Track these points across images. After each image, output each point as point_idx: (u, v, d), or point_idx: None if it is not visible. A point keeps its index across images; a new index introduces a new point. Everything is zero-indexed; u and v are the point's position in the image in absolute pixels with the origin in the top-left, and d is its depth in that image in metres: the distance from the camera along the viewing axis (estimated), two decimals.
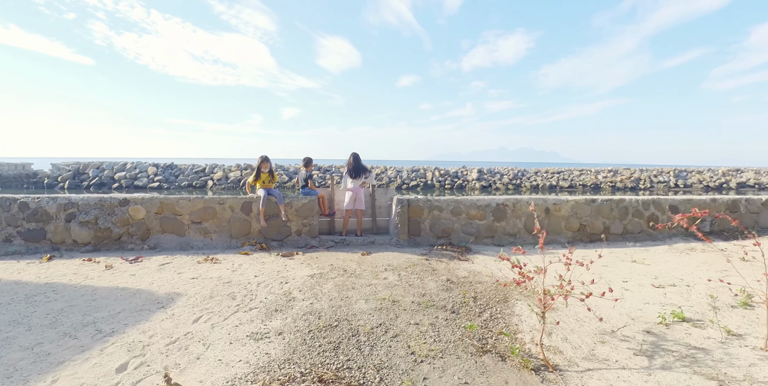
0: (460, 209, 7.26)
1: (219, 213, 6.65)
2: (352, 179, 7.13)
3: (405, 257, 6.14)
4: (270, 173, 6.95)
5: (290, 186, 32.10)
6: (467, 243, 7.22)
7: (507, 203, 7.45)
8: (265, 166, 6.87)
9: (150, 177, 31.48)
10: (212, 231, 6.65)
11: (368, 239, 6.99)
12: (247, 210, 6.69)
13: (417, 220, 7.14)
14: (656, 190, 34.30)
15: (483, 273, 5.53)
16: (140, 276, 5.20)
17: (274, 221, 6.74)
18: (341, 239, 6.91)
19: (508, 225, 7.46)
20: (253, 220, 6.71)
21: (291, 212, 6.78)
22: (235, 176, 31.40)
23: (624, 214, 7.96)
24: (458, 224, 7.28)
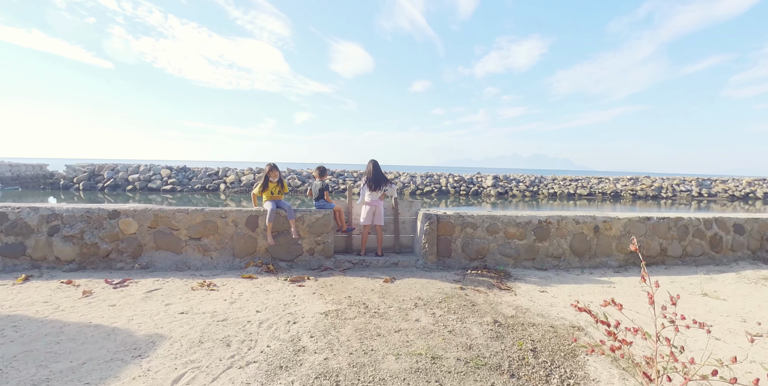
0: (497, 227, 6.21)
1: (221, 229, 5.70)
2: (370, 191, 6.14)
3: (436, 286, 5.10)
4: (279, 183, 5.98)
5: (303, 190, 31.27)
6: (505, 267, 6.16)
7: (551, 220, 6.37)
8: (273, 174, 5.91)
9: (164, 179, 30.91)
10: (212, 248, 5.69)
11: (390, 260, 5.97)
12: (252, 226, 5.72)
13: (447, 239, 6.10)
14: (679, 199, 32.75)
15: (532, 310, 4.48)
16: (121, 307, 4.24)
17: (284, 238, 5.76)
18: (359, 260, 5.91)
19: (552, 245, 6.39)
20: (259, 237, 5.74)
21: (303, 228, 5.80)
22: (248, 179, 30.66)
23: (683, 234, 6.82)
24: (494, 244, 6.23)
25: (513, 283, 5.51)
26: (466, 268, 6.03)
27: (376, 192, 6.11)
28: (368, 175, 6.17)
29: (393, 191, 6.23)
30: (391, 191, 6.21)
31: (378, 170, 6.16)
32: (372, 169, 6.17)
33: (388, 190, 6.19)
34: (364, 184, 6.15)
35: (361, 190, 6.17)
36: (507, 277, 5.73)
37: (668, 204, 31.29)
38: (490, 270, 5.90)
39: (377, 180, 6.10)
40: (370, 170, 6.19)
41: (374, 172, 6.13)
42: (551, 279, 5.83)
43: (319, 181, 6.25)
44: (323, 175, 6.29)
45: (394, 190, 6.24)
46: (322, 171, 6.33)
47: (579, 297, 5.07)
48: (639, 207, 29.66)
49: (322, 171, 6.34)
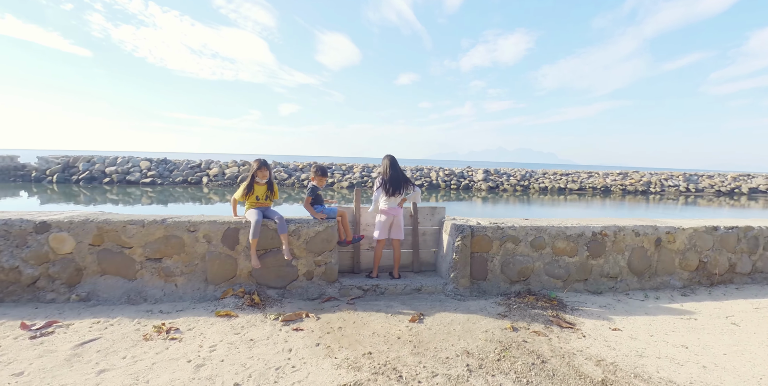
0: (543, 241, 4.83)
1: (188, 246, 4.18)
2: (387, 196, 4.68)
3: (480, 326, 3.71)
4: (269, 186, 4.46)
5: (290, 184, 29.55)
6: (554, 292, 4.81)
7: (606, 232, 5.02)
8: (262, 173, 4.38)
9: (143, 172, 28.85)
10: (177, 273, 4.18)
11: (411, 284, 4.54)
12: (231, 242, 4.22)
13: (483, 257, 4.70)
14: (667, 195, 32.12)
15: (621, 366, 3.14)
16: (27, 379, 2.73)
17: (273, 258, 4.27)
18: (372, 285, 4.46)
19: (607, 263, 5.05)
20: (240, 257, 4.24)
21: (298, 245, 4.32)
22: (232, 172, 28.81)
23: (753, 247, 5.57)
24: (540, 262, 4.85)
25: (573, 316, 4.15)
26: (507, 294, 4.66)
27: (394, 197, 4.65)
28: (384, 176, 4.69)
29: (416, 196, 4.79)
30: (413, 196, 4.76)
31: (397, 169, 4.69)
32: (389, 168, 4.69)
33: (411, 195, 4.74)
34: (379, 187, 4.68)
35: (375, 194, 4.70)
36: (562, 307, 4.37)
37: (657, 200, 30.59)
38: (538, 297, 4.53)
39: (396, 181, 4.63)
40: (386, 169, 4.70)
41: (392, 172, 4.66)
42: (614, 308, 4.50)
43: (313, 183, 4.65)
44: (322, 176, 4.68)
45: (417, 195, 4.79)
46: (321, 171, 4.70)
47: (662, 337, 3.76)
48: (629, 203, 28.86)
49: (320, 171, 4.69)
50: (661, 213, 23.36)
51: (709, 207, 26.98)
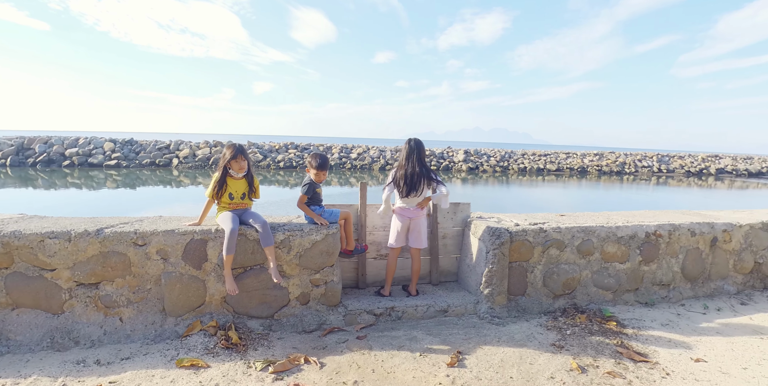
0: (591, 245, 3.85)
1: (136, 266, 2.97)
2: (405, 195, 3.52)
3: (542, 368, 2.72)
4: (248, 180, 3.23)
5: (265, 165, 27.88)
6: (603, 305, 3.88)
7: (660, 232, 4.09)
8: (238, 164, 3.11)
9: (106, 153, 26.58)
10: (122, 302, 2.98)
11: (434, 304, 3.49)
12: (196, 259, 3.03)
13: (522, 267, 3.69)
14: (640, 175, 32.24)
15: None
16: None
17: (255, 279, 3.12)
18: (386, 308, 3.37)
19: (660, 268, 4.14)
20: (209, 278, 3.06)
21: (289, 260, 3.17)
22: (204, 154, 26.89)
23: None
24: (588, 271, 3.89)
25: (640, 344, 3.22)
26: (551, 312, 3.69)
27: (413, 196, 3.53)
28: (402, 168, 3.53)
29: (442, 199, 3.55)
30: (438, 197, 3.58)
31: (417, 161, 3.53)
32: (406, 159, 3.51)
33: (436, 195, 3.60)
34: (392, 182, 3.54)
35: (386, 190, 3.56)
36: (622, 329, 3.44)
37: (630, 180, 30.67)
38: (589, 316, 3.59)
39: (413, 179, 3.49)
40: (402, 160, 3.53)
41: (409, 165, 3.49)
42: (679, 326, 3.61)
43: (310, 177, 3.37)
44: (321, 169, 3.32)
45: (444, 198, 3.54)
46: (321, 163, 3.31)
47: (759, 370, 2.90)
48: (603, 183, 28.77)
49: (320, 163, 3.31)
50: (636, 193, 23.20)
51: (679, 187, 27.15)
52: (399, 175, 3.48)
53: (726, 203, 18.99)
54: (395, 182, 3.49)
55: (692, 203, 18.21)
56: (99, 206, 13.84)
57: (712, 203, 18.55)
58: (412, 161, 3.47)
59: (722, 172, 32.88)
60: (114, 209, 13.11)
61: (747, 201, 20.77)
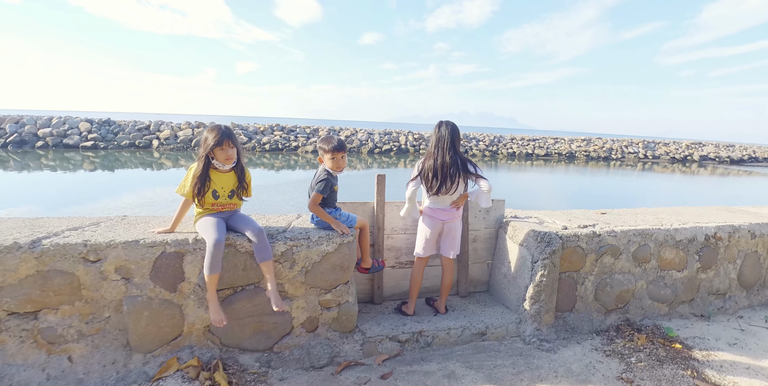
0: (648, 250, 3.20)
1: (88, 288, 2.19)
2: (435, 192, 2.75)
3: None
4: (238, 173, 2.43)
5: (250, 147, 26.65)
6: (658, 321, 3.27)
7: (720, 234, 3.48)
8: (224, 152, 2.28)
9: (82, 134, 25.00)
10: (71, 336, 2.21)
11: (470, 326, 2.81)
12: (170, 278, 2.26)
13: (571, 279, 3.03)
14: (627, 161, 32.11)
15: None
16: None
17: (248, 302, 2.37)
18: (413, 333, 2.68)
19: (717, 275, 3.55)
20: (188, 303, 2.31)
21: (292, 277, 2.43)
22: (185, 135, 25.54)
23: None
24: (643, 281, 3.26)
25: (714, 372, 2.63)
26: (603, 331, 3.07)
27: (446, 193, 2.79)
28: (431, 158, 2.75)
29: (482, 196, 2.82)
30: (478, 195, 2.84)
31: (456, 147, 2.77)
32: (436, 147, 2.74)
33: (474, 191, 2.86)
34: (419, 176, 2.78)
35: (411, 185, 2.79)
36: (689, 352, 2.85)
37: (617, 166, 30.53)
38: (650, 336, 2.98)
39: (450, 168, 2.73)
40: (432, 148, 2.76)
41: (443, 152, 2.72)
42: (747, 345, 3.04)
43: (326, 166, 2.54)
44: (338, 151, 2.50)
45: (484, 195, 2.80)
46: (337, 146, 2.50)
47: None
48: (591, 168, 28.56)
49: (336, 145, 2.49)
50: (621, 180, 22.98)
51: (664, 174, 27.10)
52: (427, 166, 2.73)
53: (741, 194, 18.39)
54: (422, 176, 2.74)
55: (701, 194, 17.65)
56: (68, 194, 12.71)
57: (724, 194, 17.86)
58: (443, 149, 2.71)
59: (705, 158, 32.99)
60: (86, 197, 12.03)
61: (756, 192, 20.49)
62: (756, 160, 35.09)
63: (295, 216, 2.95)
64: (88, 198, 11.58)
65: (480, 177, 2.74)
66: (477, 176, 2.74)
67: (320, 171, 2.52)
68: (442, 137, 2.74)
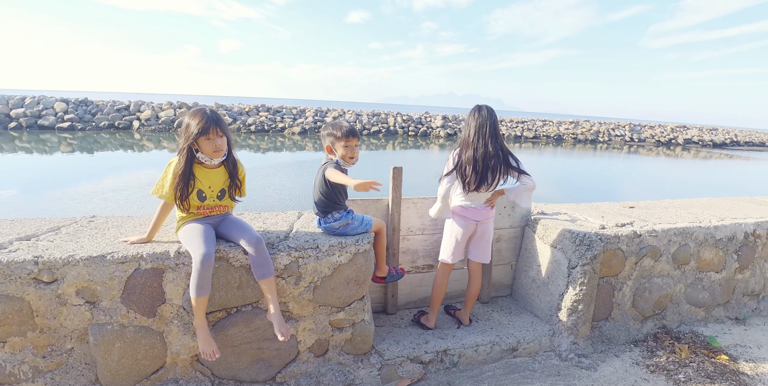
0: (688, 251, 2.86)
1: (43, 316, 1.74)
2: (471, 188, 2.30)
3: None
4: (229, 167, 1.95)
5: (235, 128, 25.68)
6: (693, 327, 2.97)
7: (759, 231, 3.16)
8: (212, 143, 1.80)
9: (58, 115, 23.70)
10: (24, 373, 1.77)
11: (498, 341, 2.44)
12: (147, 301, 1.82)
13: (609, 285, 2.68)
14: (613, 143, 32.13)
15: None
16: None
17: (245, 326, 1.95)
18: (436, 352, 2.30)
19: (753, 275, 3.25)
20: (170, 329, 1.87)
21: (297, 294, 2.00)
22: (167, 115, 24.43)
23: None
24: (682, 284, 2.93)
25: None
26: (642, 341, 2.75)
27: (485, 190, 2.37)
28: (470, 147, 2.28)
29: (524, 192, 2.39)
30: (518, 191, 2.41)
31: (498, 136, 2.32)
32: (476, 134, 2.28)
33: (515, 188, 2.43)
34: (451, 172, 2.31)
35: (445, 181, 2.31)
36: (735, 364, 2.56)
37: (604, 149, 30.54)
38: (692, 347, 2.67)
39: (492, 159, 2.28)
40: (469, 135, 2.30)
41: (484, 141, 2.26)
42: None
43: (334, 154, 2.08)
44: (350, 138, 2.04)
45: (525, 192, 2.38)
46: (348, 131, 2.03)
47: None
48: (579, 151, 28.49)
49: (348, 130, 2.03)
50: (608, 162, 22.96)
51: (648, 156, 27.21)
52: (466, 158, 2.28)
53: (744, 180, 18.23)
54: (459, 169, 2.30)
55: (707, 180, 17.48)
56: (44, 178, 11.90)
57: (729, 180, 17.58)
58: (484, 138, 2.27)
59: (689, 142, 33.21)
60: (63, 180, 11.26)
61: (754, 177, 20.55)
62: (737, 143, 35.53)
63: (295, 215, 2.50)
64: (66, 182, 10.83)
65: (523, 172, 2.33)
66: (520, 171, 2.33)
67: (328, 163, 2.06)
68: (484, 123, 2.29)
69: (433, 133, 30.15)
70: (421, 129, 30.08)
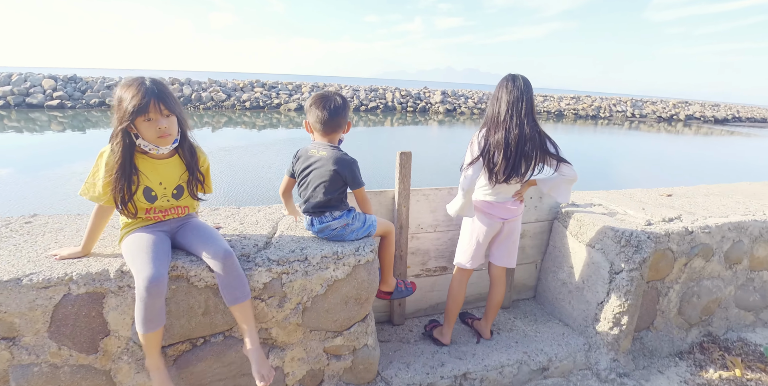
0: (741, 249, 2.43)
1: None
2: (499, 179, 1.81)
3: None
4: (185, 157, 1.47)
5: (229, 105, 24.81)
6: (740, 333, 2.58)
7: None
8: (153, 124, 1.32)
9: (47, 92, 22.78)
10: None
11: (526, 360, 2.03)
12: (84, 334, 1.38)
13: (654, 290, 2.25)
14: (614, 119, 31.38)
15: None
16: None
17: (215, 360, 1.52)
18: (454, 377, 1.90)
19: None
20: (118, 366, 1.44)
21: (281, 318, 1.56)
22: None
23: None
24: (732, 286, 2.52)
25: None
26: (687, 353, 2.35)
27: (512, 182, 1.87)
28: (501, 128, 1.76)
29: (563, 183, 1.91)
30: (556, 183, 1.92)
31: (534, 115, 1.82)
32: (520, 108, 1.75)
33: (552, 179, 1.95)
34: (477, 160, 1.80)
35: (470, 171, 1.79)
36: None
37: (604, 124, 29.85)
38: (742, 358, 2.28)
39: (531, 143, 1.76)
40: (503, 112, 1.76)
41: (519, 120, 1.74)
42: None
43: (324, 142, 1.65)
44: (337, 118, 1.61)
45: (567, 182, 1.90)
46: (337, 109, 1.59)
47: None
48: (579, 127, 27.82)
49: (335, 110, 1.59)
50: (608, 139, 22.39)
51: (650, 133, 26.59)
52: (495, 141, 1.77)
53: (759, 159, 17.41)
54: (486, 155, 1.79)
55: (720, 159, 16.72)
56: (34, 157, 11.34)
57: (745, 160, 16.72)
58: (519, 116, 1.76)
59: (691, 118, 32.45)
60: (53, 160, 10.70)
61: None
62: (739, 119, 34.78)
63: (281, 210, 2.03)
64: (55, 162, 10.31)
65: (562, 160, 1.84)
66: (559, 159, 1.84)
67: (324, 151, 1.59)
68: (520, 97, 1.77)
69: (432, 109, 29.32)
70: (419, 104, 29.21)
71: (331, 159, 1.59)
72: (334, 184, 1.61)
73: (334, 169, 1.58)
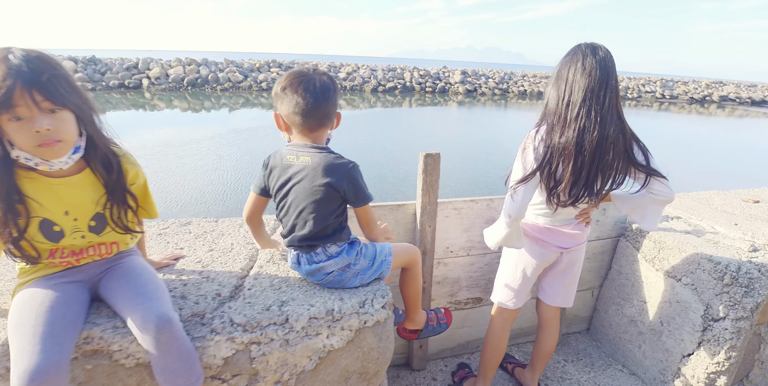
0: None
1: None
2: (563, 200, 1.25)
3: None
4: (99, 172, 0.97)
5: (246, 86, 24.31)
6: None
7: None
8: (22, 126, 0.79)
9: None
10: None
11: None
12: None
13: (756, 337, 1.71)
14: (643, 100, 29.67)
15: None
16: None
17: None
18: None
19: None
20: None
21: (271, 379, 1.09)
22: (176, 73, 23.16)
23: None
24: None
25: None
26: None
27: (584, 202, 1.31)
28: (575, 124, 1.17)
29: (652, 209, 1.34)
30: (642, 206, 1.34)
31: (619, 104, 1.27)
32: (601, 98, 1.16)
33: (640, 205, 1.35)
34: (541, 169, 1.22)
35: (520, 190, 1.22)
36: None
37: (633, 106, 28.24)
38: None
39: (615, 148, 1.18)
40: (576, 100, 1.17)
41: (603, 117, 1.16)
42: None
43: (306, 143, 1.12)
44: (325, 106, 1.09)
45: (657, 208, 1.33)
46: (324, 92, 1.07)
47: None
48: None
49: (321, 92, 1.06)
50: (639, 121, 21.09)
51: (680, 114, 25.01)
52: (560, 145, 1.19)
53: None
54: (547, 168, 1.22)
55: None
56: None
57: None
58: (601, 109, 1.19)
59: (725, 99, 30.39)
60: None
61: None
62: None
63: (270, 217, 1.53)
64: None
65: (654, 173, 1.26)
66: (649, 171, 1.26)
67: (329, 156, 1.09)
68: (603, 81, 1.19)
69: (452, 89, 28.21)
70: (439, 85, 28.13)
71: (320, 167, 1.07)
72: (328, 204, 1.09)
73: (326, 182, 1.06)
